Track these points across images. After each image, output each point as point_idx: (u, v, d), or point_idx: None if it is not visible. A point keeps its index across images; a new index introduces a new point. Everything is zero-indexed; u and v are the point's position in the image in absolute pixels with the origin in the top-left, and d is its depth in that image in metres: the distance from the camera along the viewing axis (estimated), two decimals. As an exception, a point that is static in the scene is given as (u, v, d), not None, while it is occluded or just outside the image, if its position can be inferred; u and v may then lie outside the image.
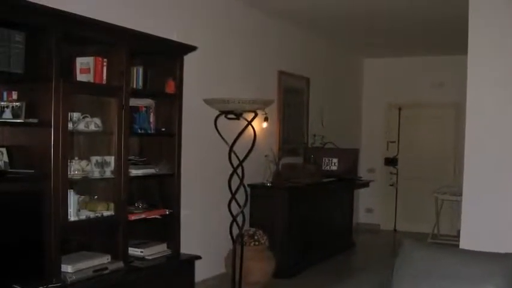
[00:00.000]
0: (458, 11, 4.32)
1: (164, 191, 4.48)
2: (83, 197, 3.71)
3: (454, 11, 5.19)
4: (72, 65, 3.77)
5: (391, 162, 9.50)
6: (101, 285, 3.66)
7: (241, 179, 5.04)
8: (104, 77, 3.84)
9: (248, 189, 5.57)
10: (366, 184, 8.27)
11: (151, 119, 4.37)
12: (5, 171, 3.24)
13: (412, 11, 6.28)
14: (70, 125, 3.55)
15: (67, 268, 3.51)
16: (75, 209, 3.58)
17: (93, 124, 3.74)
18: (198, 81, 5.19)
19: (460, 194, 4.18)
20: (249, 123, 5.05)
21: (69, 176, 3.53)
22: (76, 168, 3.65)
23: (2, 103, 3.30)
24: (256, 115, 5.11)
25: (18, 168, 3.37)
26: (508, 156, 3.81)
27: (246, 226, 5.66)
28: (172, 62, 4.49)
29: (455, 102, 8.48)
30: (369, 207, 9.62)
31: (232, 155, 5.01)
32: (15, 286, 3.14)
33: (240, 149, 5.06)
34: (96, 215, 3.74)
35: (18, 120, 3.28)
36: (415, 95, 9.24)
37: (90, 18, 3.62)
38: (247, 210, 5.69)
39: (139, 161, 4.28)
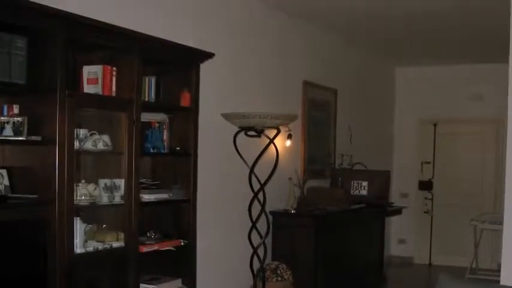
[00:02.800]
0: (500, 8, 4.30)
1: (179, 218, 4.44)
2: (90, 225, 3.67)
3: (496, 11, 5.17)
4: (78, 75, 3.76)
5: (426, 186, 9.43)
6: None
7: (263, 205, 5.01)
8: (113, 89, 3.82)
9: (270, 217, 5.52)
10: (398, 211, 8.16)
11: (165, 137, 4.35)
12: (6, 196, 3.20)
13: (448, 13, 6.28)
14: (76, 143, 3.53)
15: (73, 308, 3.46)
16: (81, 240, 3.55)
17: (101, 142, 3.71)
18: (215, 93, 5.14)
19: (501, 222, 4.13)
20: (271, 141, 5.04)
21: (75, 202, 3.50)
22: (83, 192, 3.61)
23: (3, 118, 3.26)
24: (279, 132, 5.10)
25: (20, 192, 3.33)
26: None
27: (268, 259, 5.61)
28: (187, 71, 4.48)
29: (496, 117, 8.35)
30: (402, 238, 9.53)
31: (253, 177, 4.98)
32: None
33: (261, 170, 5.04)
34: (105, 246, 3.70)
35: (20, 138, 3.24)
36: (452, 108, 9.21)
37: (98, 21, 3.61)
38: (269, 241, 5.64)
39: (151, 185, 4.24)
